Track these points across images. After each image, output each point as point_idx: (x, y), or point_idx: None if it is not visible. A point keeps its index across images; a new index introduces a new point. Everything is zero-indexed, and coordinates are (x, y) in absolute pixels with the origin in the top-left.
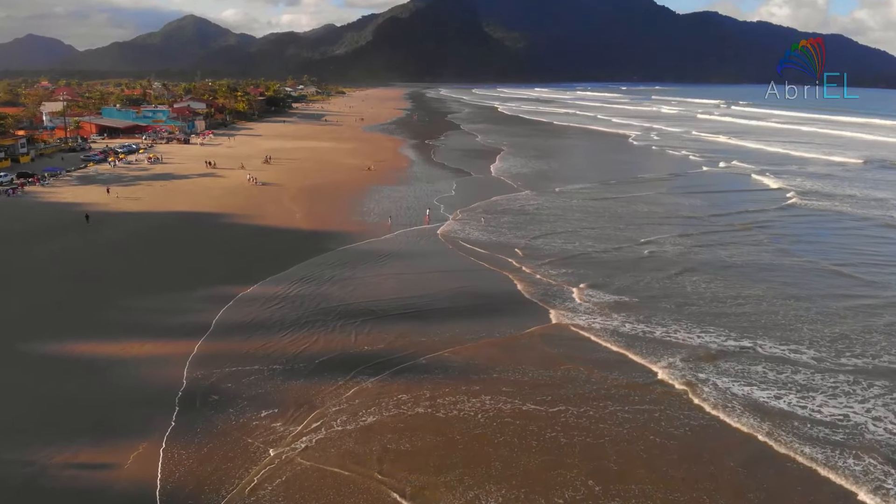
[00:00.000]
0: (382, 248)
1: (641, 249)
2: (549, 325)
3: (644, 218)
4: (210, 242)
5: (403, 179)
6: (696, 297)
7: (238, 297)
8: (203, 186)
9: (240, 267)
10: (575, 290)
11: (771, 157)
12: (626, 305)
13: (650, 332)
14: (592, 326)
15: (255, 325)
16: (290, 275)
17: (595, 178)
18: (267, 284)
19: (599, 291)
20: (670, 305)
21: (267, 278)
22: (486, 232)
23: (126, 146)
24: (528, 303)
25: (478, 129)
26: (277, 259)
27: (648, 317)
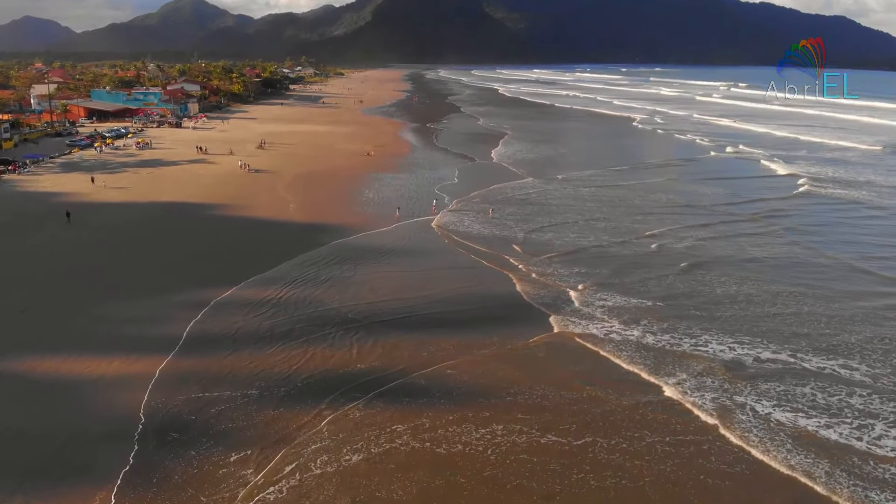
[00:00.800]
0: (379, 242)
1: (649, 242)
2: (556, 333)
3: (652, 207)
4: (196, 237)
5: (404, 166)
6: (715, 298)
7: (216, 301)
8: (192, 174)
9: (225, 265)
10: (582, 291)
11: (779, 142)
12: (640, 310)
13: (672, 344)
14: (609, 337)
15: (231, 338)
16: (277, 274)
17: (601, 164)
18: (250, 287)
19: (611, 293)
20: (687, 308)
21: (251, 278)
22: (489, 225)
23: (114, 130)
24: (532, 308)
25: (479, 112)
26: (267, 255)
27: (668, 323)
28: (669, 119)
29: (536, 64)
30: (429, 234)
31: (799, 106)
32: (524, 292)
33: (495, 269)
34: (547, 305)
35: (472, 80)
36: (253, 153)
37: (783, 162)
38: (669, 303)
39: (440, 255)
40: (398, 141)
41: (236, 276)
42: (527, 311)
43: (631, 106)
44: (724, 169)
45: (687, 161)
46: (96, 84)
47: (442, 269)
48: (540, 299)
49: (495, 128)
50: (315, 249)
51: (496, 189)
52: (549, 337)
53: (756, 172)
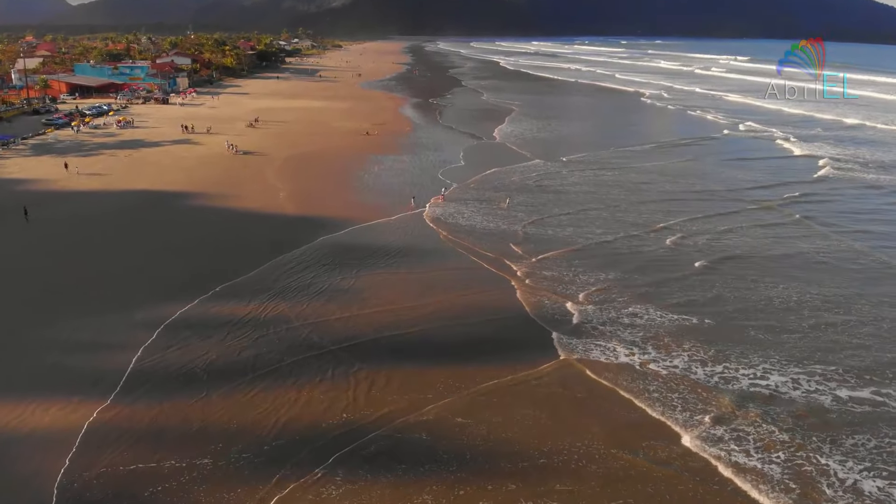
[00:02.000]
0: (373, 238)
1: (667, 235)
2: (566, 361)
3: (667, 193)
4: (170, 232)
5: (406, 146)
6: (758, 306)
7: (172, 320)
8: (175, 156)
9: (199, 267)
10: (597, 302)
11: (793, 120)
12: (671, 328)
13: (715, 375)
14: (632, 367)
15: (182, 375)
16: (251, 281)
17: (611, 144)
18: (217, 298)
19: (626, 300)
20: (722, 320)
21: (221, 286)
22: (496, 218)
23: (95, 107)
24: (538, 326)
25: (483, 86)
26: (247, 255)
27: (701, 343)
28: (678, 94)
29: (535, 36)
30: (429, 228)
31: (807, 81)
32: (528, 304)
33: (497, 274)
34: (555, 322)
35: (472, 52)
36: (242, 132)
37: (801, 141)
38: (699, 314)
39: (438, 255)
40: (399, 118)
41: (207, 282)
42: (532, 331)
43: (633, 79)
44: (741, 149)
45: (702, 140)
46: (85, 58)
47: (438, 273)
48: (546, 314)
49: (500, 103)
50: (301, 247)
51: (504, 173)
52: (559, 365)
53: (774, 153)
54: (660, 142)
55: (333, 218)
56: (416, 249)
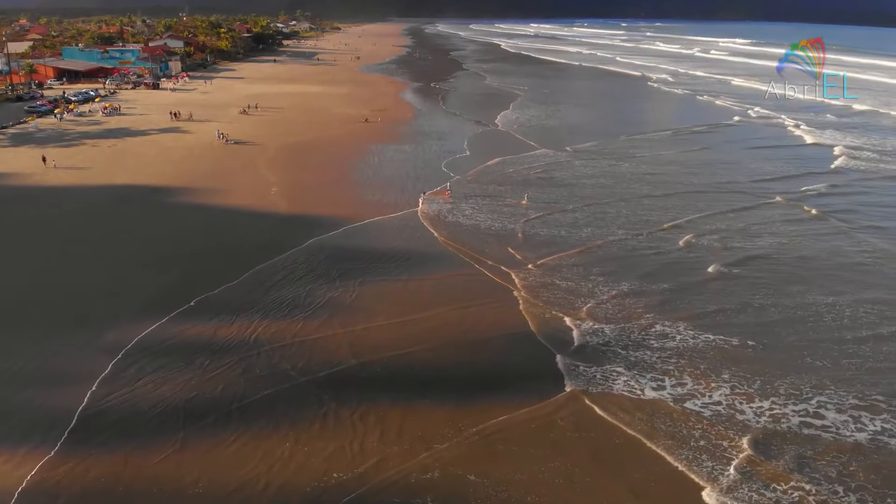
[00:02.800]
0: (370, 240)
1: (680, 234)
2: (582, 394)
3: (681, 186)
4: (148, 234)
5: (408, 135)
6: (791, 316)
7: (137, 341)
8: (161, 146)
9: (176, 276)
10: (608, 316)
11: (802, 105)
12: (696, 350)
13: (757, 409)
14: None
15: (145, 417)
16: (235, 291)
17: (621, 132)
18: (187, 316)
19: (645, 314)
20: (756, 340)
21: (194, 300)
22: (501, 216)
23: (82, 93)
24: (545, 350)
25: (485, 70)
26: (232, 260)
27: (727, 366)
28: (683, 78)
29: (534, 18)
30: (430, 229)
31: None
32: (533, 320)
33: (499, 283)
34: (563, 344)
35: (472, 34)
36: (235, 119)
37: (813, 129)
38: (733, 330)
39: (438, 261)
40: (400, 104)
41: (184, 294)
42: (539, 355)
43: (635, 62)
44: (753, 137)
45: (714, 128)
46: (77, 41)
47: (437, 281)
48: (554, 333)
49: (504, 88)
50: (291, 251)
51: (512, 165)
52: (570, 398)
53: (786, 141)
54: (671, 129)
55: (328, 216)
56: (415, 253)
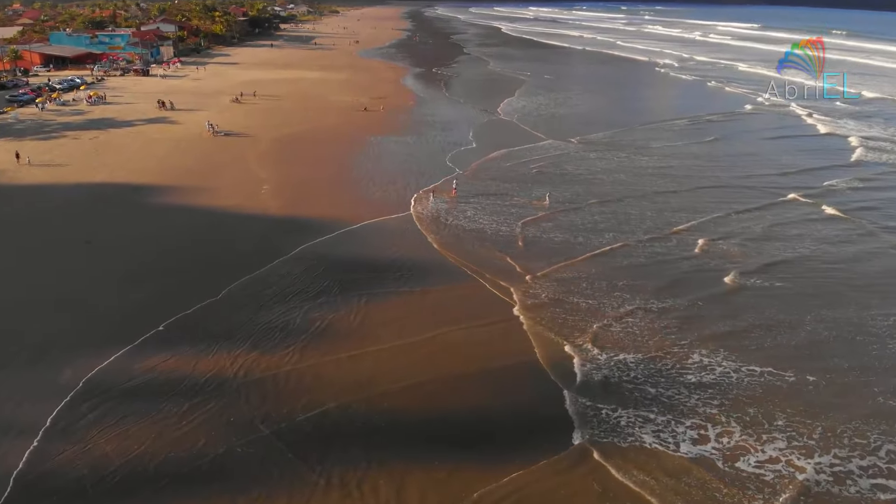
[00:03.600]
0: (366, 247)
1: (694, 239)
2: (600, 450)
3: (694, 181)
4: (122, 241)
5: (410, 125)
6: (839, 336)
7: (86, 382)
8: (146, 139)
9: (147, 294)
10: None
11: (809, 92)
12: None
13: (819, 467)
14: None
15: (84, 489)
16: (212, 311)
17: (631, 121)
18: (155, 345)
19: (669, 335)
20: (806, 371)
21: (166, 322)
22: (506, 218)
23: (67, 81)
24: (550, 387)
25: (487, 54)
26: (213, 272)
27: (791, 409)
28: (688, 63)
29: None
30: (432, 232)
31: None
32: (541, 349)
33: (503, 300)
34: (572, 377)
35: (472, 17)
36: (227, 108)
37: (825, 118)
38: (772, 356)
39: (437, 272)
40: (401, 91)
41: (153, 315)
42: (552, 395)
43: (637, 46)
44: (766, 127)
45: (725, 117)
46: (67, 25)
47: (434, 297)
48: (564, 365)
49: (508, 73)
50: (277, 261)
51: (521, 158)
52: (579, 457)
53: (799, 131)
54: (684, 117)
55: (321, 219)
56: (413, 264)
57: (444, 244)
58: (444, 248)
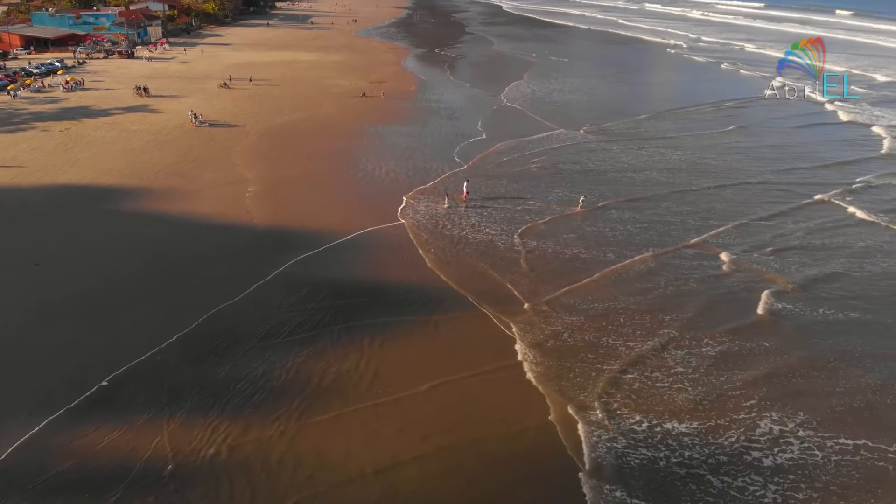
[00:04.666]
0: (350, 267)
1: (721, 249)
2: None
3: (718, 177)
4: (76, 261)
5: (413, 113)
6: None
7: None
8: (122, 130)
9: (94, 332)
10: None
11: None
12: None
13: None
14: None
15: None
16: (168, 360)
17: (645, 109)
18: (97, 410)
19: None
20: None
21: (109, 377)
22: (518, 226)
23: (45, 65)
24: (567, 467)
25: (491, 34)
26: (178, 303)
27: None
28: (700, 43)
29: None
30: (436, 247)
31: (822, 28)
32: (553, 403)
33: (506, 336)
34: (593, 451)
35: None
36: (214, 94)
37: (846, 104)
38: (863, 420)
39: (436, 302)
40: (402, 74)
41: (99, 363)
42: (566, 477)
43: (641, 26)
44: (786, 114)
45: (744, 103)
46: (54, 5)
47: (431, 341)
48: (582, 428)
49: (514, 54)
50: (252, 287)
51: (538, 151)
52: None
53: (821, 119)
54: (703, 104)
55: (309, 229)
56: (405, 289)
57: (445, 263)
58: (444, 268)
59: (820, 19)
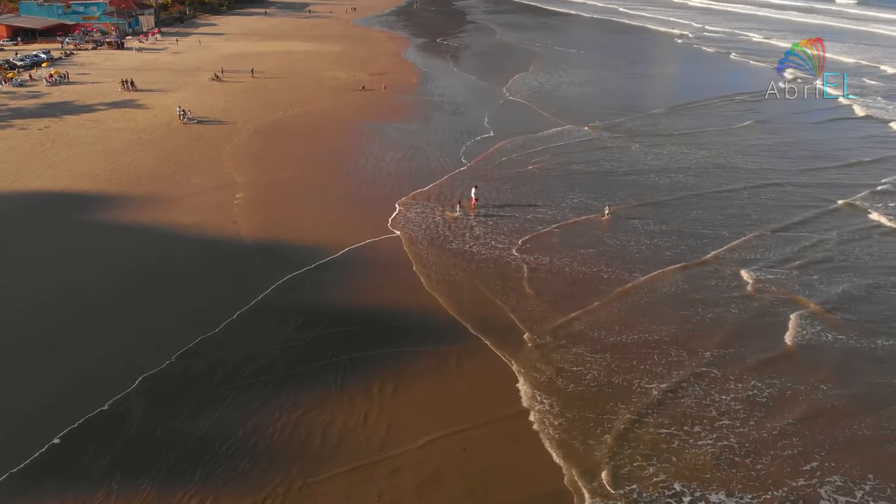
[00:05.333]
0: (340, 290)
1: (738, 266)
2: None
3: (742, 179)
4: (39, 290)
5: (415, 108)
6: None
7: None
8: (104, 129)
9: (46, 381)
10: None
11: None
12: None
13: None
14: None
15: None
16: (132, 412)
17: (654, 102)
18: (42, 473)
19: None
20: None
21: (60, 434)
22: (501, 235)
23: (30, 57)
24: None
25: (494, 22)
26: (144, 340)
27: None
28: (705, 33)
29: None
30: (439, 268)
31: (827, 16)
32: (569, 467)
33: (504, 369)
34: None
35: None
36: (205, 88)
37: (860, 98)
38: None
39: (435, 334)
40: (403, 65)
41: (48, 423)
42: None
43: (644, 14)
44: (800, 109)
45: (756, 97)
46: None
47: (426, 385)
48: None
49: (518, 44)
50: (231, 318)
51: (549, 149)
52: None
53: (836, 114)
54: (717, 97)
55: (300, 243)
56: (401, 318)
57: (445, 284)
58: (443, 291)
59: (822, 7)
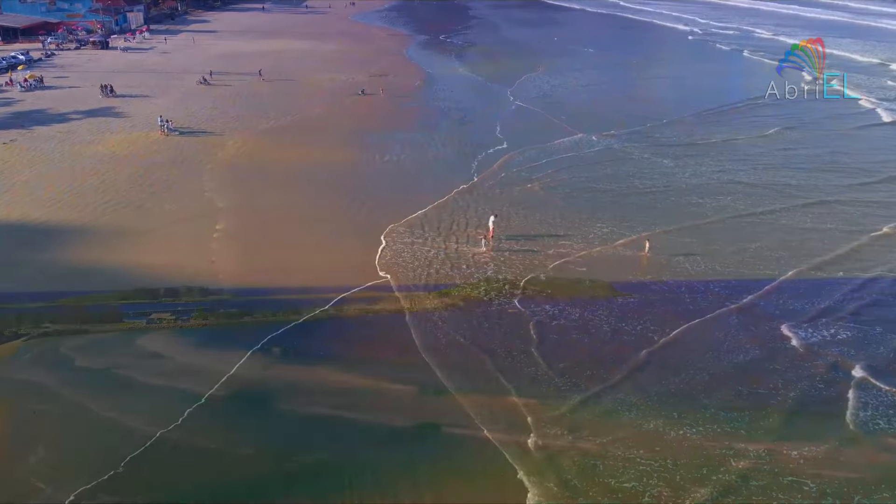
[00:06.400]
0: (322, 364)
1: (786, 321)
2: None
3: (752, 200)
4: None
5: (420, 116)
6: None
7: None
8: (76, 142)
9: None
10: None
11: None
12: None
13: None
14: None
15: None
16: None
17: (679, 108)
18: None
19: None
20: None
21: None
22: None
23: (8, 58)
24: None
25: (497, 17)
26: (83, 459)
27: None
28: (713, 29)
29: None
30: (431, 332)
31: (834, 11)
32: None
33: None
34: None
35: None
36: (191, 93)
37: (882, 101)
38: None
39: (419, 417)
40: (405, 65)
41: None
42: None
43: (646, 9)
44: (823, 115)
45: (778, 101)
46: None
47: None
48: None
49: (525, 41)
50: (192, 408)
51: (567, 167)
52: None
53: (862, 120)
54: (740, 102)
55: (284, 291)
56: (396, 396)
57: (446, 348)
58: (441, 360)
59: (828, 1)
